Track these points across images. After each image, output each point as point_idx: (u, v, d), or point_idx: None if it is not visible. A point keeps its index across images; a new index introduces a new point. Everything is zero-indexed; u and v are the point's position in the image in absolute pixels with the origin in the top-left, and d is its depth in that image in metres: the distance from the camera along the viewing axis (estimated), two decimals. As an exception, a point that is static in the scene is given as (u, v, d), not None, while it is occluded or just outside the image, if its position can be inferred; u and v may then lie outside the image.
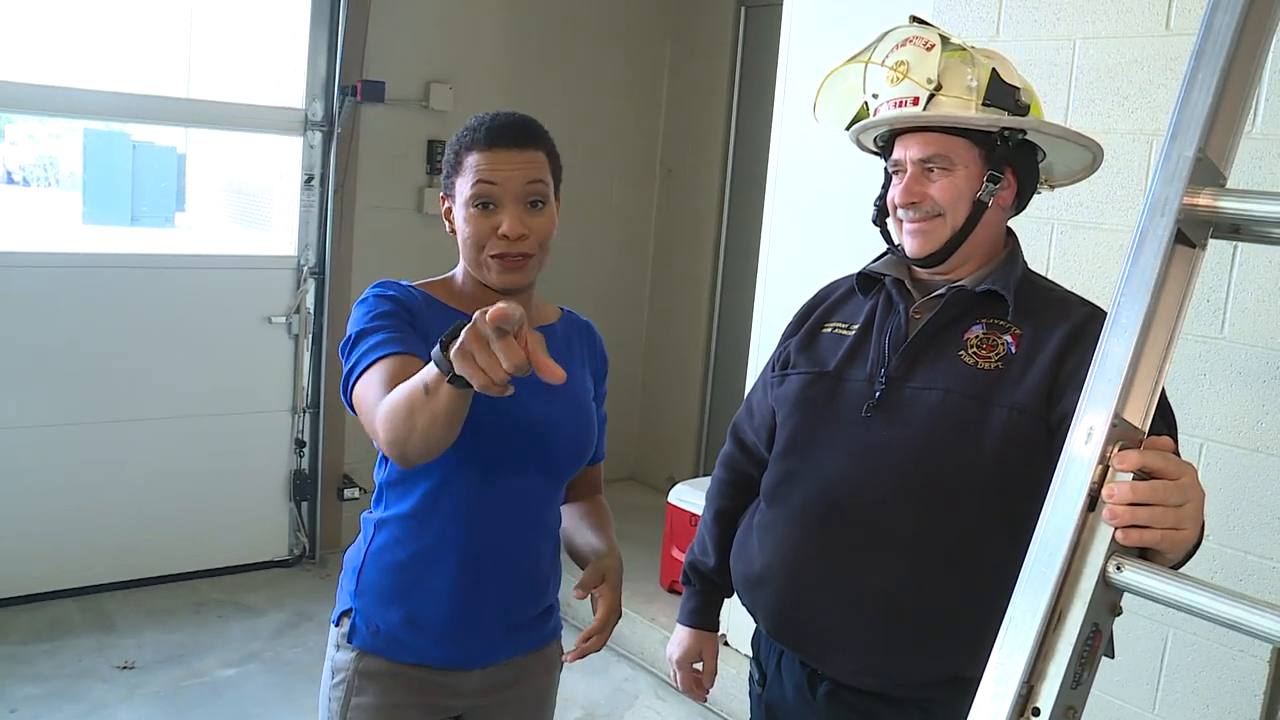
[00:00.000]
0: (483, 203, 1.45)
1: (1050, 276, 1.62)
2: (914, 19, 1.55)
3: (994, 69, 1.47)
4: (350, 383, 1.41)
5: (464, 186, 1.47)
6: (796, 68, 3.09)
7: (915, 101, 1.45)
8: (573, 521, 1.68)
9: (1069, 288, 1.55)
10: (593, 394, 1.66)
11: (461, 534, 1.49)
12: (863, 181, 2.40)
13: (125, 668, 3.31)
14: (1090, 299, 1.51)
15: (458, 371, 1.11)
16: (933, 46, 1.47)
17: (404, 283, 1.53)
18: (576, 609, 3.48)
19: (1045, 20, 2.45)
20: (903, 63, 1.47)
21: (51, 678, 3.21)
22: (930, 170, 1.46)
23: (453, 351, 1.11)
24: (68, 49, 4.38)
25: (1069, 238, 2.40)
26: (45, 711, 3.02)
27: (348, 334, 1.45)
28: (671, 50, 5.08)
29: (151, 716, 3.06)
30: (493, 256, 1.46)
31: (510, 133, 1.47)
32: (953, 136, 1.45)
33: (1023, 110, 1.48)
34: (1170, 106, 2.33)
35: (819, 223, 3.03)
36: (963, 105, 1.45)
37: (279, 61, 4.28)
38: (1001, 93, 1.46)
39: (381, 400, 1.30)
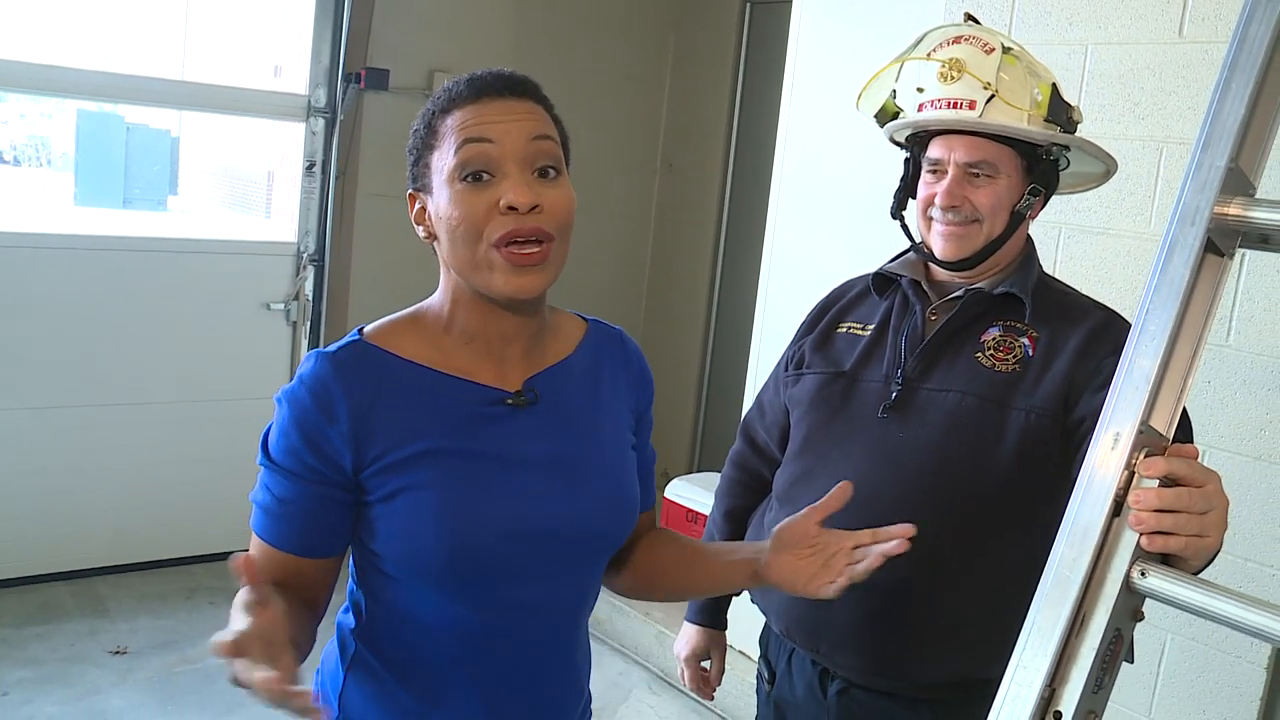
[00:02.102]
0: (474, 172, 1.06)
1: (1058, 280, 1.62)
2: (969, 17, 1.55)
3: (1054, 84, 1.47)
4: (252, 518, 1.12)
5: (444, 158, 1.08)
6: (805, 65, 3.09)
7: (971, 105, 1.44)
8: (672, 563, 1.30)
9: (1076, 292, 1.56)
10: (631, 435, 1.25)
11: (461, 675, 1.13)
12: (870, 180, 2.41)
13: (118, 653, 3.30)
14: (1098, 303, 1.52)
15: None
16: (992, 50, 1.46)
17: (339, 345, 1.11)
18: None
19: (1057, 25, 2.45)
20: (957, 60, 1.45)
21: (43, 662, 3.20)
22: (974, 175, 1.46)
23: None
24: (63, 27, 4.34)
25: (1077, 242, 2.41)
26: (37, 695, 3.01)
27: (262, 440, 1.10)
28: (675, 45, 5.06)
29: (144, 702, 3.05)
30: (497, 245, 1.05)
31: (501, 80, 1.10)
32: (1001, 145, 1.45)
33: (1072, 129, 1.49)
34: (1181, 114, 2.35)
35: (824, 220, 3.03)
36: (1015, 114, 1.44)
37: (281, 46, 4.26)
38: (1058, 108, 1.46)
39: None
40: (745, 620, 1.80)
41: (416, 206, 1.15)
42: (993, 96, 1.43)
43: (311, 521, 1.09)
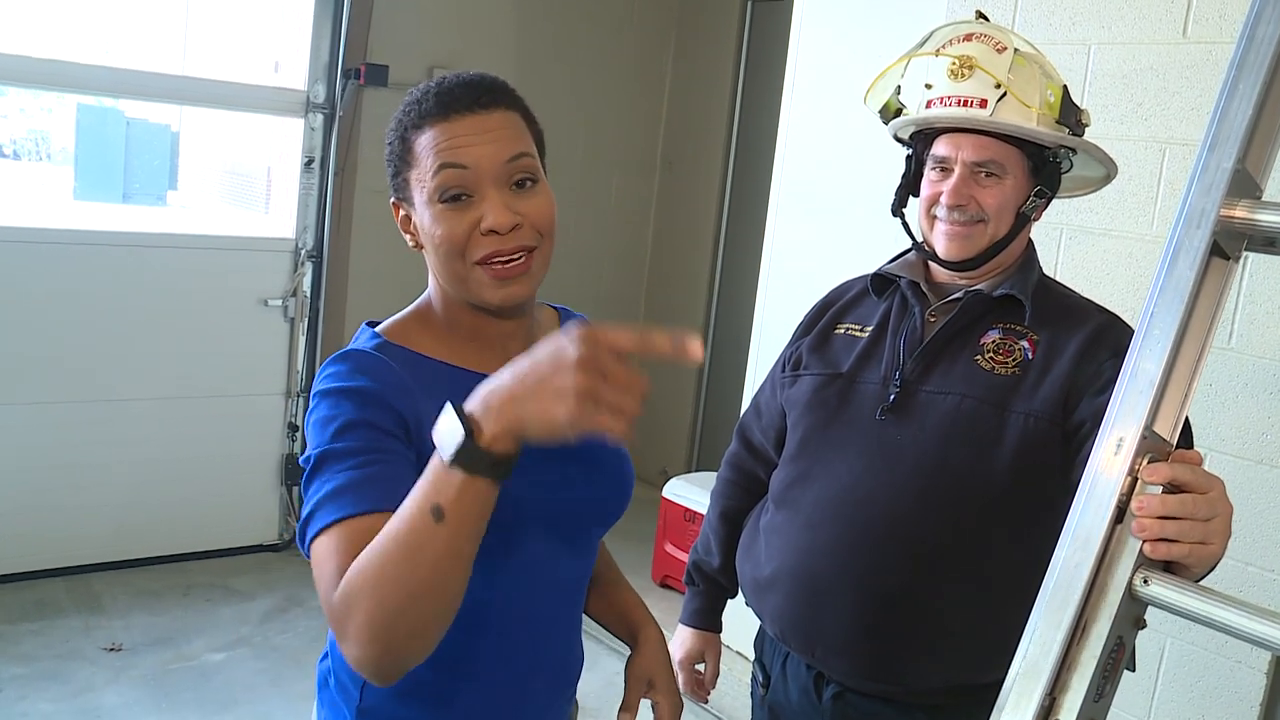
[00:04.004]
0: (453, 195, 1.07)
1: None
2: (980, 15, 1.53)
3: (1065, 86, 1.46)
4: (307, 535, 0.99)
5: (421, 178, 1.08)
6: (805, 63, 3.07)
7: (982, 103, 1.42)
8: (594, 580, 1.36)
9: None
10: None
11: (501, 641, 1.14)
12: (870, 179, 2.39)
13: (113, 649, 3.28)
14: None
15: (563, 426, 0.81)
16: (1004, 49, 1.44)
17: (369, 345, 1.11)
18: None
19: (1060, 25, 2.44)
20: (969, 58, 1.43)
21: (38, 658, 3.18)
22: (980, 174, 1.44)
23: (553, 395, 0.81)
24: (63, 22, 4.33)
25: (1078, 244, 2.39)
26: (31, 692, 3.00)
27: (307, 453, 1.04)
28: (675, 42, 5.05)
29: (139, 699, 3.03)
30: (480, 263, 1.07)
31: (469, 93, 1.08)
32: (1008, 145, 1.43)
33: (1080, 132, 1.47)
34: (1185, 115, 2.34)
35: (824, 219, 3.02)
36: (1024, 114, 1.42)
37: (281, 42, 4.25)
38: (1069, 111, 1.45)
39: (344, 577, 0.91)
40: (743, 620, 1.79)
41: (401, 214, 1.15)
42: (1004, 95, 1.41)
43: (390, 479, 0.99)
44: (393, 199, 1.15)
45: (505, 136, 1.09)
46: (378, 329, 1.15)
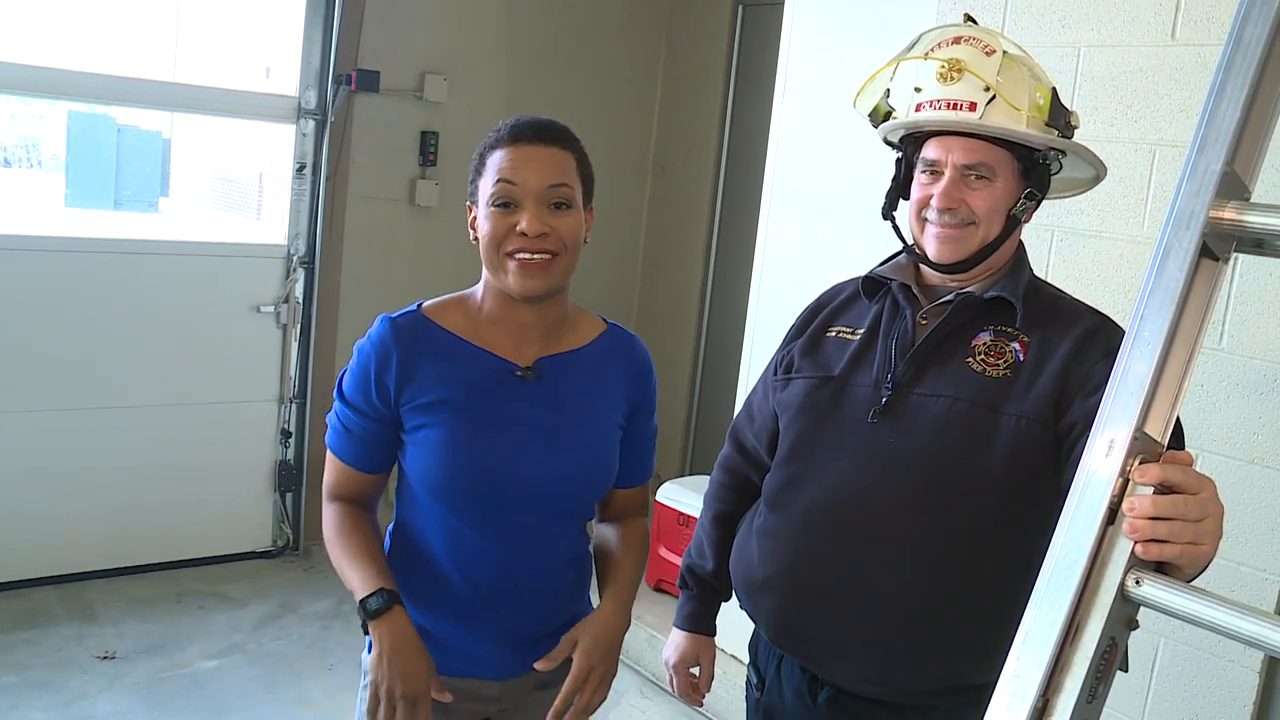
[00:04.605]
0: (503, 202, 1.41)
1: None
2: (968, 18, 1.53)
3: (1054, 88, 1.46)
4: (327, 436, 1.53)
5: (486, 187, 1.43)
6: (796, 67, 3.08)
7: (972, 106, 1.41)
8: (599, 553, 1.63)
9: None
10: (621, 420, 1.57)
11: (457, 569, 1.49)
12: (862, 183, 2.39)
13: (105, 658, 3.27)
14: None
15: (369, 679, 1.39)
16: (993, 51, 1.43)
17: (401, 315, 1.48)
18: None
19: (1050, 27, 2.44)
20: (957, 61, 1.43)
21: (30, 667, 3.17)
22: (971, 177, 1.44)
23: (371, 660, 1.38)
24: (54, 28, 4.32)
25: (1069, 245, 2.40)
26: (24, 701, 2.98)
27: (338, 380, 1.51)
28: (666, 46, 5.06)
29: (132, 707, 3.02)
30: (510, 254, 1.40)
31: (534, 130, 1.43)
32: (998, 147, 1.43)
33: (1070, 134, 1.47)
34: (1174, 117, 2.35)
35: (816, 223, 3.02)
36: (1015, 117, 1.42)
37: (272, 48, 4.24)
38: (1058, 113, 1.45)
39: (330, 492, 1.52)
40: (737, 624, 1.79)
41: (471, 215, 1.48)
42: (993, 98, 1.41)
43: (365, 446, 1.49)
44: (468, 201, 1.49)
45: (553, 169, 1.42)
46: (424, 304, 1.50)
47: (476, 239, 1.45)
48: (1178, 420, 1.35)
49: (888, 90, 1.54)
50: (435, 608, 1.50)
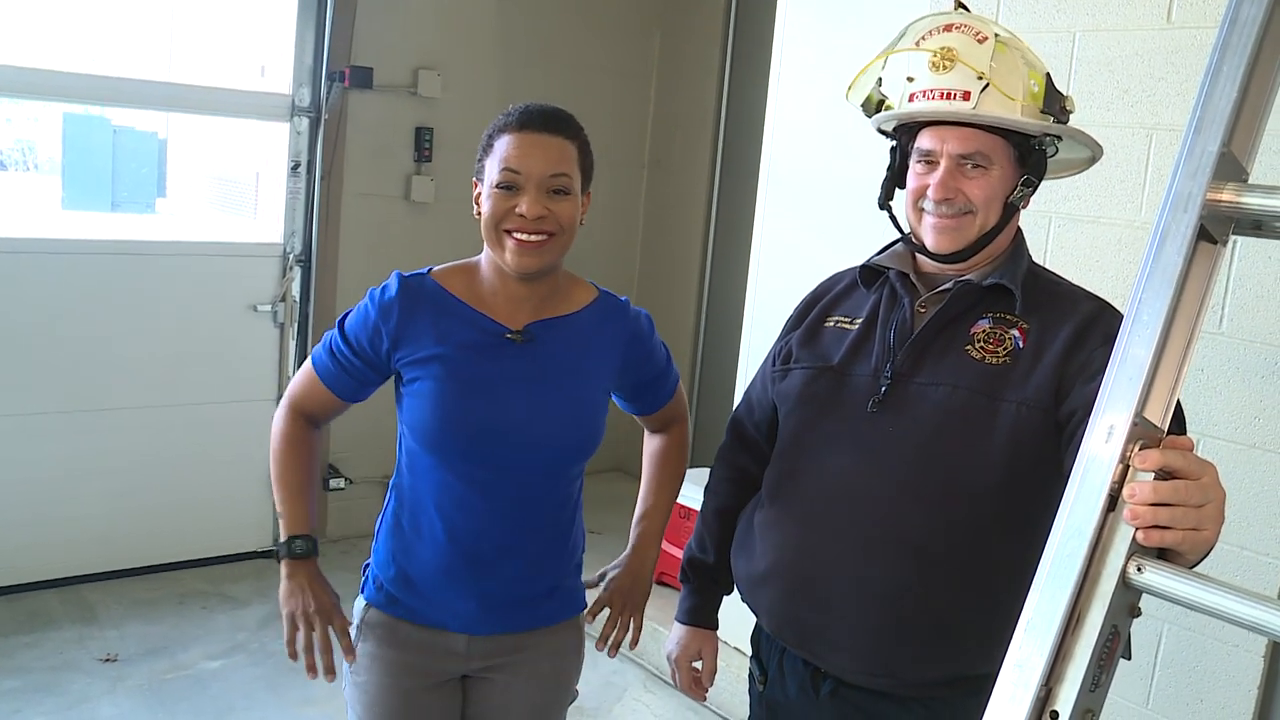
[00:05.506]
0: (505, 185, 1.50)
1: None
2: (959, 4, 1.52)
3: (1048, 74, 1.44)
4: (313, 351, 1.68)
5: (491, 169, 1.52)
6: (791, 59, 3.07)
7: (965, 96, 1.40)
8: (644, 473, 1.84)
9: (1066, 281, 1.54)
10: (608, 384, 1.67)
11: (441, 519, 1.59)
12: (858, 173, 2.38)
13: (107, 660, 3.27)
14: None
15: (283, 614, 1.63)
16: (985, 39, 1.42)
17: (413, 274, 1.61)
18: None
19: (1045, 12, 2.43)
20: (949, 49, 1.41)
21: (31, 670, 3.17)
22: (966, 166, 1.43)
23: (283, 594, 1.64)
24: (48, 30, 4.31)
25: (1067, 231, 2.39)
26: (25, 705, 2.98)
27: (343, 315, 1.65)
28: (660, 40, 5.04)
29: (135, 710, 3.02)
30: (508, 231, 1.50)
31: (541, 118, 1.52)
32: (993, 135, 1.42)
33: (1065, 119, 1.46)
34: (1171, 100, 2.33)
35: (813, 214, 3.01)
36: (1009, 105, 1.40)
37: (265, 46, 4.23)
38: (1053, 99, 1.44)
39: (292, 401, 1.69)
40: (739, 616, 1.78)
41: (476, 191, 1.57)
42: (986, 86, 1.39)
43: (345, 373, 1.62)
44: (474, 178, 1.57)
45: (555, 158, 1.52)
46: (434, 269, 1.62)
47: (479, 214, 1.55)
48: (1178, 405, 1.34)
49: (880, 80, 1.53)
50: (418, 555, 1.61)
